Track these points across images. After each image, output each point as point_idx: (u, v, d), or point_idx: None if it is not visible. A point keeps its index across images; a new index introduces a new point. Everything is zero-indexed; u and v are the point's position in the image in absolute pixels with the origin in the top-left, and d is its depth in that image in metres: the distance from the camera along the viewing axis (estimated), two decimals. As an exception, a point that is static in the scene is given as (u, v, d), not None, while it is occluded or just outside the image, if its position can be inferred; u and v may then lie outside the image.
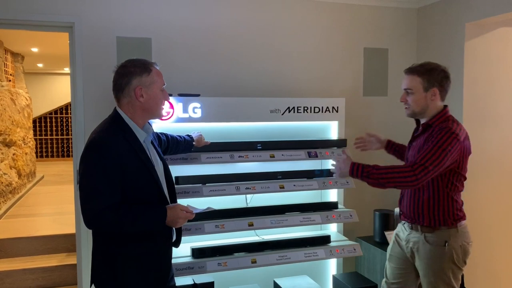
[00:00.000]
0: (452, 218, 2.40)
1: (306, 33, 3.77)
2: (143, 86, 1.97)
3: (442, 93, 2.44)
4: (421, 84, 2.41)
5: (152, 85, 2.00)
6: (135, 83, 1.96)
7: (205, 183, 3.06)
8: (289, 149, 3.26)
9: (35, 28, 3.29)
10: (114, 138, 1.89)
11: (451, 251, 2.37)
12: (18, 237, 4.47)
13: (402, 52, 4.08)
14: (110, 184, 1.83)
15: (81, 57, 3.24)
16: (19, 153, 6.70)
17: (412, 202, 2.48)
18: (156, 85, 2.01)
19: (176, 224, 1.97)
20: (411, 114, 2.52)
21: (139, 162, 1.93)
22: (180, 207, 1.98)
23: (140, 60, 2.03)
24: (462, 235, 2.41)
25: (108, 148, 1.85)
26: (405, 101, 2.49)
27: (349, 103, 3.79)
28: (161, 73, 2.06)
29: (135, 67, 1.98)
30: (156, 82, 2.01)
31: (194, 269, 2.92)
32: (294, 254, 3.15)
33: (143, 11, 3.36)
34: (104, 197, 1.82)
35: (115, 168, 1.84)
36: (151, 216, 1.91)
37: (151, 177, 1.96)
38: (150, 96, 1.99)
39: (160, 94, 2.04)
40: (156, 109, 2.04)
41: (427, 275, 2.44)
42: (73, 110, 3.31)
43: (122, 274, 1.93)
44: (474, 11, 3.48)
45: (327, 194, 3.56)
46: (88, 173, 1.85)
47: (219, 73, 3.56)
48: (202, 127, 3.18)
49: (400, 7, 4.04)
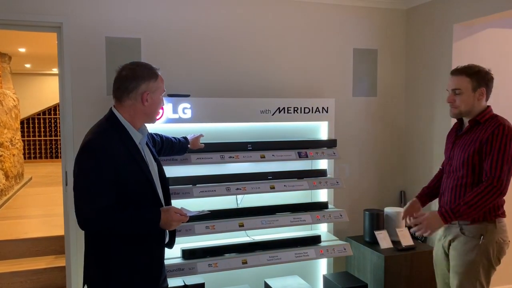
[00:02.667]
0: (493, 214, 2.40)
1: (295, 34, 3.78)
2: (150, 91, 1.99)
3: (488, 93, 2.51)
4: (470, 84, 2.47)
5: (157, 91, 2.02)
6: (143, 87, 1.97)
7: (195, 184, 3.05)
8: (280, 150, 3.26)
9: (23, 28, 3.25)
10: (109, 140, 1.90)
11: (486, 245, 2.37)
12: (5, 239, 4.42)
13: (391, 53, 4.11)
14: (104, 186, 1.84)
15: (70, 57, 3.21)
16: (6, 154, 6.62)
17: (453, 198, 2.48)
18: (160, 91, 2.04)
19: (170, 227, 1.97)
20: (458, 114, 2.54)
21: (134, 163, 1.93)
22: (174, 210, 1.98)
23: (146, 64, 2.05)
24: (500, 231, 2.41)
25: (103, 150, 1.86)
26: (453, 102, 2.52)
27: (339, 103, 3.81)
28: (163, 80, 2.08)
29: (144, 71, 2.00)
30: (160, 88, 2.04)
31: (184, 271, 2.91)
32: (284, 255, 3.15)
33: (132, 11, 3.34)
34: (98, 199, 1.82)
35: (109, 170, 1.84)
36: (145, 219, 1.91)
37: (146, 179, 1.96)
38: (154, 101, 2.01)
39: (161, 100, 2.08)
40: (154, 114, 2.08)
41: (456, 266, 2.43)
42: (62, 111, 3.28)
43: (115, 275, 1.93)
44: (462, 12, 3.51)
45: (317, 194, 3.57)
46: (83, 175, 1.86)
47: (209, 73, 3.55)
48: (192, 128, 3.18)
49: (389, 8, 4.06)
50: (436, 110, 3.81)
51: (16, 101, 7.70)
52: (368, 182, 4.11)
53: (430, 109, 3.87)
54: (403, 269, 3.40)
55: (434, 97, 3.81)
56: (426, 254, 3.46)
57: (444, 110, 3.71)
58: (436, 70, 3.78)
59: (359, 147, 4.05)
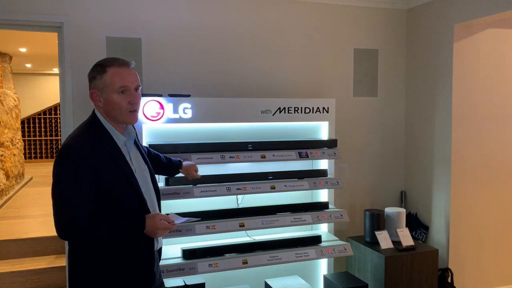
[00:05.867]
0: None
1: (296, 34, 3.78)
2: (97, 89, 1.81)
3: None
4: None
5: (106, 88, 1.79)
6: (91, 86, 1.83)
7: (196, 184, 3.05)
8: (280, 150, 3.26)
9: (23, 28, 3.25)
10: (88, 144, 1.77)
11: None
12: (6, 239, 4.41)
13: (391, 53, 4.11)
14: (83, 193, 1.71)
15: (70, 57, 3.21)
16: (7, 154, 6.62)
17: None
18: (111, 88, 1.79)
19: (155, 235, 1.82)
20: None
21: (115, 168, 1.79)
22: (160, 217, 1.82)
23: (104, 59, 1.86)
24: None
25: (82, 155, 1.73)
26: None
27: (339, 103, 3.81)
28: (120, 73, 1.80)
29: (94, 68, 1.83)
30: (110, 85, 1.79)
31: (185, 270, 2.90)
32: (285, 255, 3.15)
33: (133, 11, 3.34)
34: (76, 207, 1.70)
35: (88, 176, 1.72)
36: (128, 227, 1.77)
37: (129, 183, 1.82)
38: (106, 100, 1.80)
39: (118, 97, 1.80)
40: (115, 114, 1.83)
41: None
42: (62, 110, 3.28)
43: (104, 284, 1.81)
44: (463, 13, 3.51)
45: (318, 194, 3.57)
46: (61, 181, 1.72)
47: (210, 73, 3.55)
48: (192, 128, 3.18)
49: (390, 8, 4.06)
50: (436, 110, 3.81)
51: (16, 101, 7.71)
52: (368, 182, 4.11)
53: (430, 109, 3.87)
54: (403, 269, 3.40)
55: (435, 97, 3.81)
56: (426, 254, 3.46)
57: (444, 110, 3.71)
58: (436, 70, 3.77)
59: (360, 147, 4.05)
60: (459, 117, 3.67)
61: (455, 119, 3.65)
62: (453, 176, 3.68)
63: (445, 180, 3.73)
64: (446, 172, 3.71)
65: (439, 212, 3.81)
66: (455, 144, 3.66)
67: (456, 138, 3.67)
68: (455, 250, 3.73)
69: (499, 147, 3.85)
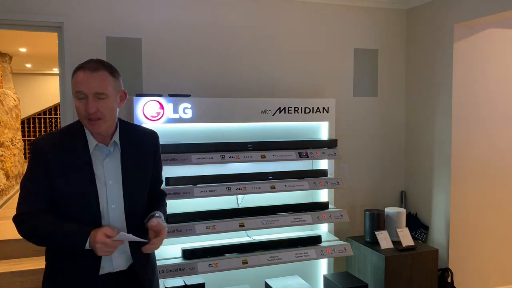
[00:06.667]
0: None
1: (296, 34, 3.78)
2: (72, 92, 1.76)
3: None
4: None
5: (72, 92, 1.74)
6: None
7: (196, 184, 3.05)
8: (280, 150, 3.26)
9: (23, 28, 3.25)
10: (49, 142, 1.72)
11: None
12: (6, 239, 4.41)
13: (392, 53, 4.11)
14: (35, 190, 1.69)
15: (70, 57, 3.21)
16: (7, 154, 6.62)
17: None
18: (72, 92, 1.73)
19: (95, 250, 1.62)
20: None
21: (74, 172, 1.71)
22: (105, 231, 1.62)
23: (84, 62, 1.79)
24: None
25: (40, 153, 1.70)
26: None
27: (339, 103, 3.81)
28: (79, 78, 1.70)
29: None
30: (72, 89, 1.73)
31: (185, 270, 2.90)
32: (285, 255, 3.15)
33: (133, 11, 3.34)
34: (25, 203, 1.69)
35: (43, 175, 1.69)
36: (69, 233, 1.66)
37: (84, 192, 1.71)
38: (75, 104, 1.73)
39: (77, 103, 1.70)
40: (81, 119, 1.74)
41: None
42: (62, 111, 3.28)
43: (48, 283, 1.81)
44: (463, 13, 3.51)
45: (317, 194, 3.57)
46: (24, 176, 1.75)
47: (210, 73, 3.55)
48: (192, 128, 3.18)
49: (390, 8, 4.06)
50: (436, 110, 3.81)
51: (16, 101, 7.70)
52: (368, 182, 4.10)
53: (431, 109, 3.87)
54: (403, 269, 3.40)
55: (435, 97, 3.81)
56: (426, 254, 3.46)
57: (444, 110, 3.71)
58: (436, 70, 3.77)
59: (360, 147, 4.05)
60: (459, 117, 3.67)
61: (455, 119, 3.65)
62: (453, 176, 3.68)
63: (445, 180, 3.73)
64: (446, 172, 3.71)
65: (439, 212, 3.81)
66: (455, 144, 3.66)
67: (456, 138, 3.66)
68: (455, 250, 3.73)
69: (499, 147, 3.85)
